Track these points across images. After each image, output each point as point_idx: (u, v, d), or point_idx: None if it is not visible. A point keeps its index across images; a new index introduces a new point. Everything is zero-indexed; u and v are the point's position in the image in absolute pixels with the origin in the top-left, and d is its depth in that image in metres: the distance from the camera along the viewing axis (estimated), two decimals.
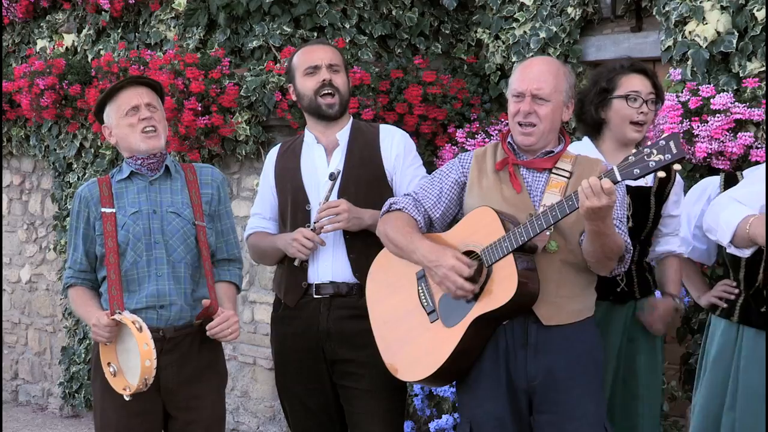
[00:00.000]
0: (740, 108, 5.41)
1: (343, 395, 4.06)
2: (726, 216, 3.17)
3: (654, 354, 4.09)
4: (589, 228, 3.25)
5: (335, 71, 4.10)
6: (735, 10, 5.69)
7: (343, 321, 3.99)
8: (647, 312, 4.05)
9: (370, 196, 4.03)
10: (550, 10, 6.62)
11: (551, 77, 3.54)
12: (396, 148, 4.08)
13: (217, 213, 3.96)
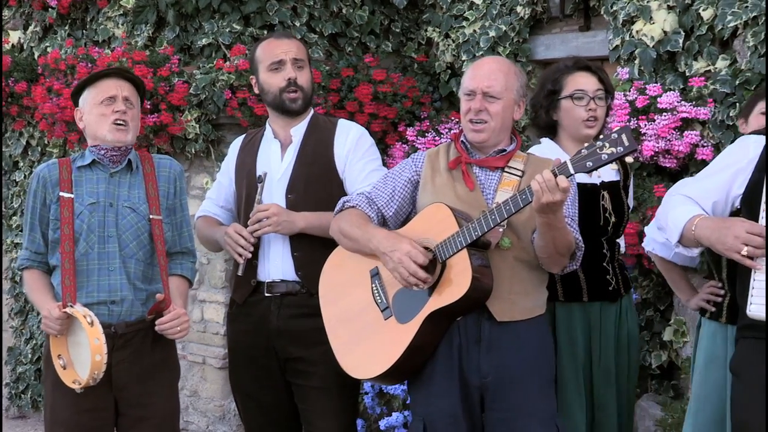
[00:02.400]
0: (687, 107, 5.48)
1: (296, 393, 4.06)
2: (674, 215, 3.20)
3: (636, 350, 4.12)
4: (541, 221, 3.27)
5: (300, 67, 4.09)
6: (681, 9, 5.77)
7: (293, 319, 3.99)
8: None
9: (319, 194, 4.02)
10: (499, 9, 6.65)
11: (502, 76, 3.57)
12: (348, 144, 4.08)
13: (173, 205, 3.93)
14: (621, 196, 3.98)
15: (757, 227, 2.95)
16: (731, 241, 2.97)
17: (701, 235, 3.09)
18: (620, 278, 4.01)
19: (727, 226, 3.01)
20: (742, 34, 5.55)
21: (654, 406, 5.59)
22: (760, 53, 5.39)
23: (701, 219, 3.11)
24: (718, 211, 3.18)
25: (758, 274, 2.96)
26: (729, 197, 3.21)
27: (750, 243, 2.94)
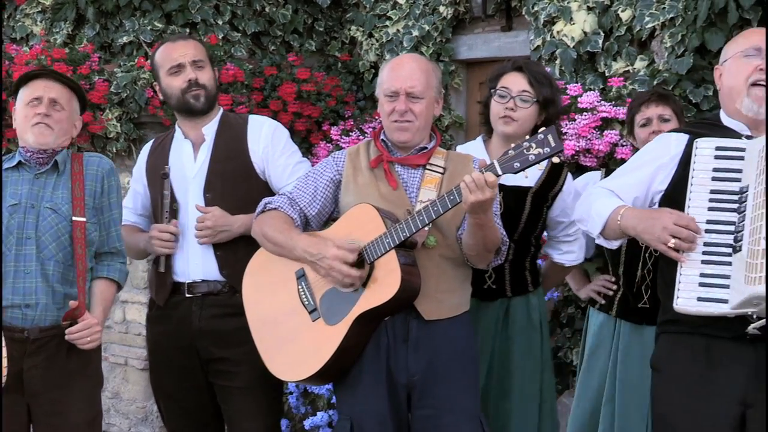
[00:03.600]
0: (606, 106, 5.55)
1: (219, 394, 4.03)
2: (598, 207, 3.23)
3: (530, 352, 4.10)
4: (472, 221, 3.29)
5: (200, 68, 4.05)
6: (601, 10, 5.85)
7: (216, 319, 3.96)
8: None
9: (237, 191, 3.99)
10: (422, 8, 6.68)
11: (423, 75, 3.58)
12: (263, 140, 4.05)
13: (100, 205, 3.82)
14: (523, 203, 3.97)
15: (684, 219, 2.98)
16: (659, 231, 3.00)
17: (627, 225, 3.11)
18: (508, 280, 4.02)
19: (655, 217, 3.04)
20: (660, 35, 5.64)
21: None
22: (677, 54, 5.49)
23: (627, 209, 3.14)
24: (637, 206, 3.22)
25: (685, 268, 2.99)
26: (649, 193, 3.25)
27: (677, 235, 2.97)
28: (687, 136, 3.21)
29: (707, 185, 3.02)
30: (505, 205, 3.89)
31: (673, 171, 3.19)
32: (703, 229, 2.98)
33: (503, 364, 4.04)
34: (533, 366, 4.08)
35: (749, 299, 2.82)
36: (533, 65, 4.14)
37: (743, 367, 3.05)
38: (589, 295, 4.27)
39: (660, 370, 3.23)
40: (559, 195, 4.03)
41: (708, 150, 3.04)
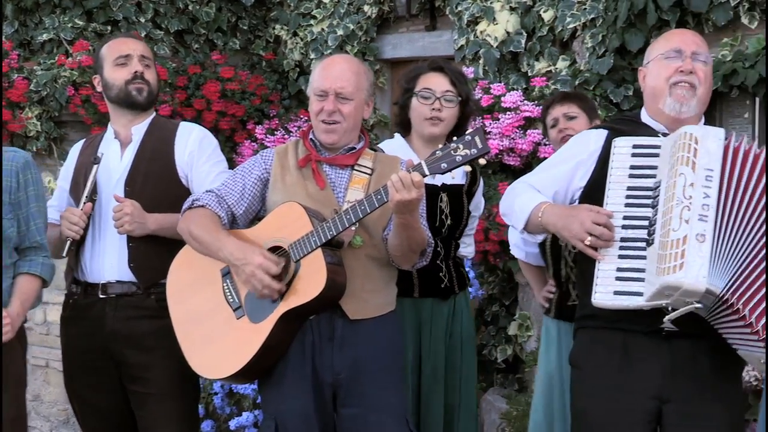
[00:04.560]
0: (529, 106, 5.62)
1: (133, 400, 3.96)
2: (520, 202, 3.26)
3: (470, 347, 4.15)
4: (398, 221, 3.29)
5: (147, 65, 4.03)
6: (523, 11, 5.92)
7: (130, 321, 3.90)
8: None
9: (156, 191, 3.94)
10: (347, 7, 6.69)
11: (353, 76, 3.57)
12: (191, 145, 4.01)
13: (17, 200, 3.74)
14: (462, 200, 4.04)
15: (601, 217, 3.01)
16: (577, 228, 3.04)
17: (548, 221, 3.15)
18: (455, 276, 4.08)
19: (574, 214, 3.08)
20: (581, 36, 5.73)
21: (499, 399, 5.71)
22: (597, 54, 5.58)
23: (548, 206, 3.17)
24: (558, 201, 3.26)
25: (602, 263, 3.03)
26: (569, 189, 3.29)
27: (594, 233, 3.02)
28: (606, 132, 3.26)
29: (624, 182, 3.07)
30: (450, 204, 3.92)
31: (592, 168, 3.24)
32: (620, 225, 3.02)
33: (450, 362, 4.07)
34: (473, 361, 4.17)
35: (661, 290, 2.88)
36: (450, 64, 4.18)
37: (659, 363, 3.10)
38: (540, 302, 4.34)
39: (578, 366, 3.27)
40: (477, 191, 4.13)
41: (625, 148, 3.10)
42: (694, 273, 2.82)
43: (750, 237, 2.90)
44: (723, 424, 3.11)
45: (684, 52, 3.19)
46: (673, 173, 2.93)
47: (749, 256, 2.89)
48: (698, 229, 2.86)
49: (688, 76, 3.17)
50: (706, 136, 2.96)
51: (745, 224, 2.90)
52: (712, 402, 3.09)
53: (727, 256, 2.87)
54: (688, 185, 2.90)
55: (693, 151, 2.93)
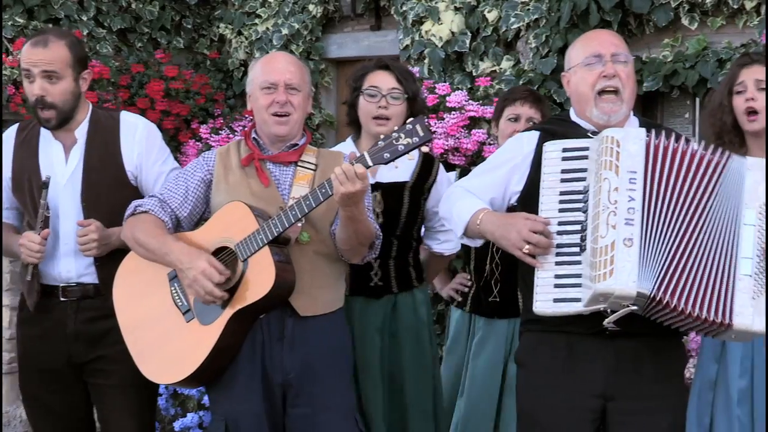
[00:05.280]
0: (474, 106, 5.65)
1: (93, 393, 3.95)
2: (458, 208, 3.27)
3: (419, 348, 4.10)
4: (344, 214, 3.29)
5: (52, 80, 3.77)
6: (468, 11, 5.95)
7: (91, 322, 3.87)
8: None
9: (111, 201, 3.87)
10: (292, 6, 6.69)
11: (297, 69, 3.59)
12: (138, 145, 3.93)
13: None
14: (401, 197, 3.99)
15: (538, 225, 3.02)
16: (514, 237, 3.05)
17: (486, 229, 3.16)
18: (394, 276, 4.03)
19: (511, 223, 3.08)
20: (525, 36, 5.77)
21: None
22: (541, 54, 5.62)
23: (486, 213, 3.18)
24: (495, 206, 3.26)
25: (540, 271, 3.04)
26: (506, 194, 3.30)
27: (530, 241, 3.03)
28: (538, 134, 3.28)
29: (557, 187, 3.07)
30: (384, 202, 3.91)
31: (526, 173, 3.25)
32: (556, 231, 3.03)
33: (394, 362, 4.04)
34: (425, 361, 4.10)
35: (595, 296, 2.91)
36: (397, 63, 4.18)
37: (603, 362, 3.13)
38: (449, 294, 4.34)
39: (524, 366, 3.30)
40: (433, 186, 4.06)
41: (555, 153, 3.10)
42: (624, 279, 2.86)
43: (677, 230, 2.94)
44: (666, 419, 3.15)
45: (604, 56, 3.21)
46: (599, 178, 2.95)
47: (678, 250, 2.93)
48: (625, 234, 2.89)
49: (612, 80, 3.19)
50: (627, 138, 2.98)
51: (672, 220, 2.94)
52: (655, 399, 3.13)
53: (656, 255, 2.91)
54: (613, 190, 2.92)
55: (615, 154, 2.95)
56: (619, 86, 3.20)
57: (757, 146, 3.58)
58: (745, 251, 2.93)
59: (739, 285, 2.91)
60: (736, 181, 2.98)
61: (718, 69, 5.19)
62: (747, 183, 2.97)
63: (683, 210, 2.94)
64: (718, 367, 3.62)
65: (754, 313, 2.89)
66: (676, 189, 2.95)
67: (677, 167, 2.96)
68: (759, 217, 2.94)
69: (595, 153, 3.01)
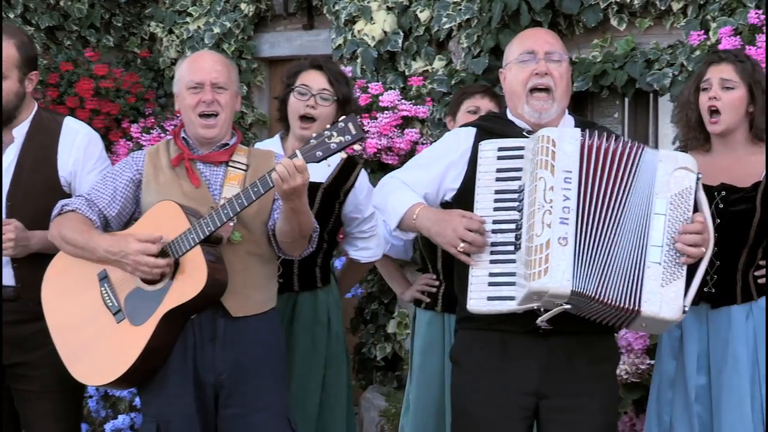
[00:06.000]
0: (407, 105, 5.67)
1: (16, 398, 3.89)
2: (394, 201, 3.26)
3: (313, 347, 4.10)
4: (288, 207, 3.27)
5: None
6: (400, 11, 5.97)
7: (13, 326, 3.80)
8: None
9: (38, 205, 3.79)
10: (224, 5, 6.65)
11: (224, 67, 3.56)
12: (75, 152, 3.86)
13: None
14: (314, 198, 3.95)
15: (474, 223, 3.04)
16: (450, 234, 3.06)
17: (422, 225, 3.16)
18: (297, 275, 4.02)
19: (447, 220, 3.09)
20: (457, 36, 5.80)
21: (378, 397, 5.75)
22: (473, 54, 5.66)
23: (422, 209, 3.18)
24: (429, 202, 3.26)
25: (475, 269, 3.07)
26: (440, 190, 3.31)
27: (466, 239, 3.04)
28: (474, 131, 3.30)
29: (492, 186, 3.10)
30: None
31: (463, 171, 3.26)
32: (490, 230, 3.06)
33: (287, 360, 4.04)
34: (317, 362, 4.08)
35: (530, 295, 2.94)
36: (331, 64, 4.17)
37: (536, 360, 3.16)
38: (414, 296, 4.29)
39: (458, 364, 3.32)
40: (351, 191, 4.05)
41: (491, 152, 3.13)
42: (558, 277, 2.89)
43: (605, 227, 2.98)
44: (597, 417, 3.19)
45: (537, 54, 3.24)
46: (534, 177, 2.98)
47: (605, 246, 2.97)
48: (560, 233, 2.93)
49: (543, 78, 3.22)
50: (563, 138, 3.02)
51: (602, 217, 2.98)
52: (586, 396, 3.16)
53: (592, 254, 2.95)
54: (548, 189, 2.96)
55: (551, 154, 2.99)
56: (551, 85, 3.23)
57: (722, 145, 3.62)
58: (655, 239, 2.98)
59: (647, 272, 2.96)
60: (649, 172, 3.03)
61: (646, 69, 5.26)
62: (659, 174, 3.03)
63: (610, 206, 2.99)
64: (676, 364, 3.65)
65: (662, 300, 2.94)
66: (607, 187, 2.99)
67: (609, 166, 3.00)
68: (670, 207, 3.00)
69: (530, 152, 3.04)
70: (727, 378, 3.52)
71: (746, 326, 3.53)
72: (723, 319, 3.55)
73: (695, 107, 3.63)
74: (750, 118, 3.59)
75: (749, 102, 3.57)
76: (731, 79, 3.56)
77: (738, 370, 3.51)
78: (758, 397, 3.51)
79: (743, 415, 3.49)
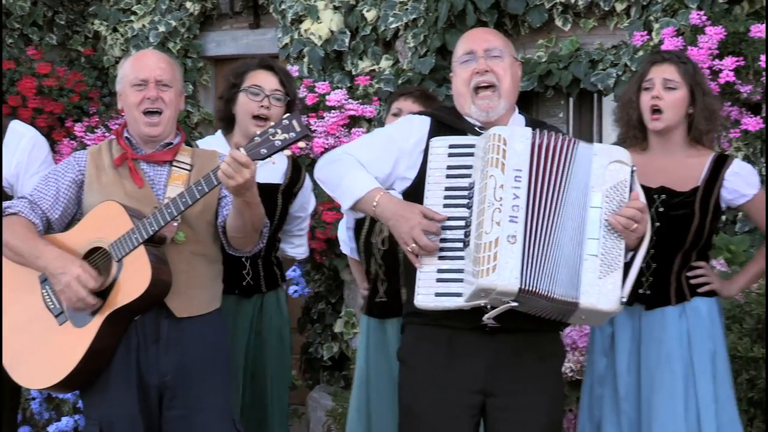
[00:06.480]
0: (354, 105, 5.68)
1: None
2: (351, 180, 3.21)
3: (282, 346, 4.14)
4: (239, 202, 3.24)
5: None
6: (347, 10, 5.97)
7: None
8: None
9: None
10: (169, 4, 6.61)
11: (168, 65, 3.54)
12: (18, 155, 3.83)
13: None
14: (275, 199, 4.01)
15: (432, 226, 3.04)
16: (405, 232, 3.05)
17: (381, 214, 3.13)
18: (262, 275, 4.06)
19: (407, 216, 3.08)
20: (403, 35, 5.82)
21: (325, 396, 5.74)
22: (420, 54, 5.67)
23: (383, 197, 3.14)
24: (379, 182, 3.22)
25: (424, 265, 3.06)
26: (391, 176, 3.27)
27: (419, 242, 3.04)
28: (429, 120, 3.28)
29: (442, 183, 3.10)
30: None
31: (417, 163, 3.24)
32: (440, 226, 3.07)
33: (258, 361, 4.06)
34: (286, 359, 4.15)
35: (477, 291, 2.95)
36: (278, 64, 4.17)
37: (484, 358, 3.16)
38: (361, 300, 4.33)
39: (406, 362, 3.31)
40: (300, 191, 4.09)
41: (442, 149, 3.13)
42: (506, 275, 2.90)
43: (555, 227, 3.00)
44: (543, 414, 3.20)
45: (476, 53, 3.24)
46: (485, 175, 2.99)
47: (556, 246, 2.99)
48: (509, 231, 2.94)
49: (485, 76, 3.22)
50: (514, 137, 3.03)
51: (551, 216, 3.00)
52: (532, 394, 3.17)
53: (538, 252, 2.96)
54: (499, 187, 2.97)
55: (502, 152, 3.00)
56: (495, 81, 3.23)
57: (659, 144, 3.65)
58: (591, 232, 3.01)
59: (585, 265, 2.98)
60: (585, 166, 3.05)
61: (591, 69, 5.32)
62: (594, 167, 3.05)
63: (554, 202, 3.00)
64: (606, 362, 3.69)
65: (600, 292, 2.97)
66: (551, 184, 3.01)
67: (556, 164, 3.02)
68: (605, 200, 3.02)
69: (481, 150, 3.04)
70: (659, 377, 3.56)
71: (679, 326, 3.58)
72: (656, 319, 3.59)
73: (637, 106, 3.66)
74: (689, 119, 3.63)
75: (689, 103, 3.61)
76: (674, 80, 3.60)
77: (671, 369, 3.55)
78: (692, 396, 3.55)
79: (675, 413, 3.53)
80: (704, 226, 3.57)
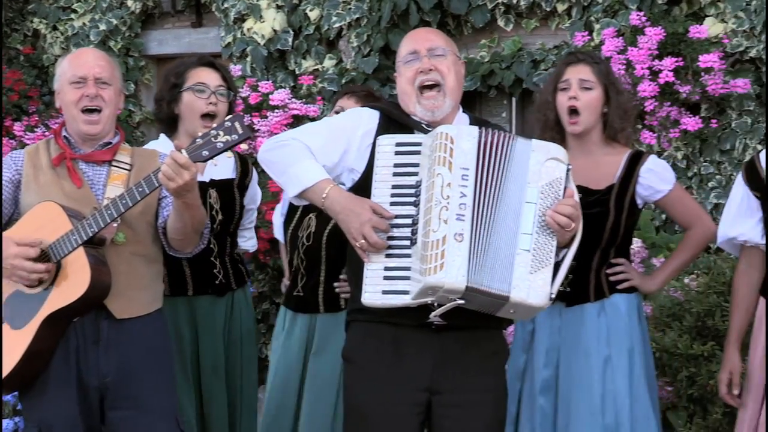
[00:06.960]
0: (297, 104, 5.67)
1: None
2: (299, 169, 3.17)
3: (251, 344, 4.15)
4: (179, 203, 3.23)
5: None
6: (290, 9, 5.96)
7: None
8: None
9: None
10: (110, 2, 6.56)
11: (107, 63, 3.51)
12: None
13: None
14: (233, 194, 4.03)
15: (382, 224, 3.03)
16: (355, 226, 3.04)
17: (329, 207, 3.11)
18: (231, 272, 4.07)
19: (357, 212, 3.06)
20: (347, 35, 5.82)
21: None
22: (363, 53, 5.68)
23: (333, 189, 3.11)
24: (326, 170, 3.20)
25: (371, 263, 3.06)
26: (338, 165, 3.24)
27: (368, 240, 3.02)
28: (378, 115, 3.27)
29: (389, 180, 3.10)
30: (220, 199, 3.92)
31: (365, 158, 3.22)
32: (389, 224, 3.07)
33: (233, 359, 4.06)
34: (254, 356, 4.18)
35: (425, 289, 2.96)
36: (219, 61, 4.16)
37: (430, 356, 3.17)
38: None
39: (351, 361, 3.31)
40: (250, 183, 4.12)
41: (389, 147, 3.14)
42: (453, 273, 2.91)
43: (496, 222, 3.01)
44: (488, 411, 3.21)
45: (419, 52, 3.25)
46: (432, 173, 3.00)
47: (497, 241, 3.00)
48: (456, 229, 2.95)
49: (429, 75, 3.22)
50: (461, 136, 3.04)
51: (493, 212, 3.01)
52: (477, 392, 3.18)
53: (482, 248, 2.98)
54: (446, 185, 2.98)
55: (449, 150, 3.01)
56: (439, 79, 3.23)
57: (577, 145, 3.68)
58: (525, 227, 3.02)
59: (517, 259, 2.99)
60: (522, 162, 3.06)
61: (533, 69, 5.35)
62: (531, 163, 3.07)
63: (495, 198, 3.02)
64: (526, 357, 3.73)
65: (530, 287, 2.99)
66: (495, 180, 3.03)
67: (499, 161, 3.04)
68: (540, 196, 3.05)
69: (428, 149, 3.05)
70: (577, 373, 3.61)
71: (598, 323, 3.63)
72: (576, 316, 3.64)
73: (553, 107, 3.70)
74: (604, 118, 3.68)
75: (604, 102, 3.66)
76: (589, 80, 3.65)
77: (588, 365, 3.60)
78: (610, 391, 3.60)
79: (592, 408, 3.58)
80: (620, 224, 3.62)
